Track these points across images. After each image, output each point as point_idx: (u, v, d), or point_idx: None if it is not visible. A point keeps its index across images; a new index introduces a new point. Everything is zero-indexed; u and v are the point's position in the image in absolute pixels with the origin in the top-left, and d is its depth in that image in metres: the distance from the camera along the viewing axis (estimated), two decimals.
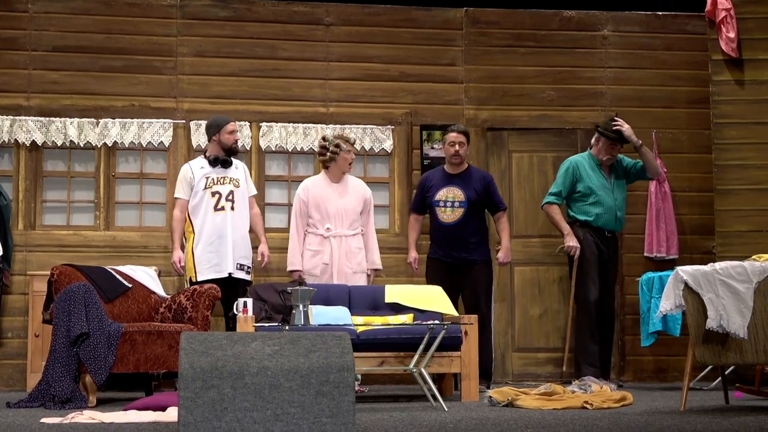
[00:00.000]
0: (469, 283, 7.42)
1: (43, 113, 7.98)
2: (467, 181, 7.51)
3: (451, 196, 7.47)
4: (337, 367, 4.01)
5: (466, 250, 7.44)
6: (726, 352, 5.38)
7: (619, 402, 5.81)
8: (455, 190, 7.47)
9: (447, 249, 7.46)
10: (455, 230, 7.43)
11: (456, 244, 7.43)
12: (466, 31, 8.57)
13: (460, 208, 7.44)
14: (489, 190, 7.53)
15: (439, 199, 7.48)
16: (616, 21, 8.72)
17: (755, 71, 7.92)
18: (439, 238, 7.51)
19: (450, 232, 7.44)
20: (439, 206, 7.48)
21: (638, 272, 7.98)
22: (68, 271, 6.50)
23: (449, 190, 7.49)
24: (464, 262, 7.43)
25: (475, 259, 7.45)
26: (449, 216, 7.45)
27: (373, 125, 8.35)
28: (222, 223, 7.26)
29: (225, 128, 7.38)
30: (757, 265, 5.44)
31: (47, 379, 6.03)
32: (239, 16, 8.34)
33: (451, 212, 7.45)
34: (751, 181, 7.82)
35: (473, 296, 7.41)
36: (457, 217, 7.43)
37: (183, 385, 3.89)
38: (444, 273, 7.44)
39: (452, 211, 7.45)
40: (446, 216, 7.45)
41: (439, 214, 7.48)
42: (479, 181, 7.50)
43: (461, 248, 7.43)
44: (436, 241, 7.56)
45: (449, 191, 7.49)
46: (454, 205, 7.45)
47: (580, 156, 7.78)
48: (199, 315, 6.58)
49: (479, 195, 7.47)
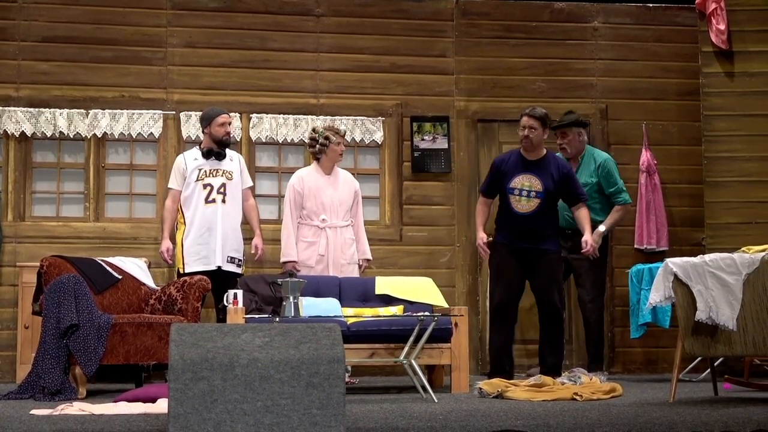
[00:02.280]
0: (540, 273, 6.99)
1: (33, 104, 7.96)
2: (545, 170, 7.01)
3: (527, 185, 6.96)
4: (327, 358, 4.01)
5: (538, 241, 6.99)
6: (715, 344, 5.39)
7: (609, 393, 5.82)
8: (532, 178, 6.97)
9: (516, 238, 6.99)
10: (528, 221, 6.96)
11: (527, 235, 6.97)
12: (457, 23, 8.56)
13: (536, 199, 6.95)
14: (568, 180, 7.04)
15: (514, 187, 6.98)
16: (606, 13, 8.73)
17: (745, 63, 7.93)
18: (509, 226, 7.03)
19: (522, 222, 6.96)
20: (514, 194, 6.98)
21: (628, 264, 8.00)
22: (58, 263, 6.49)
23: (526, 177, 6.98)
24: (535, 251, 6.99)
25: (546, 248, 7.00)
26: (524, 206, 6.96)
27: (363, 116, 8.35)
28: (212, 216, 7.26)
29: (215, 120, 7.36)
30: (747, 257, 5.45)
31: (37, 370, 6.01)
32: (229, 6, 8.31)
33: (526, 202, 6.96)
34: (740, 173, 7.84)
35: (544, 288, 7.00)
36: (532, 207, 6.95)
37: (173, 377, 3.89)
38: (512, 259, 6.99)
39: (527, 201, 6.96)
40: (520, 205, 6.96)
41: (513, 202, 6.98)
42: (557, 171, 7.01)
43: (532, 239, 6.98)
44: (504, 228, 7.07)
45: (525, 179, 6.98)
46: (530, 195, 6.95)
47: None
48: (190, 306, 6.57)
49: (557, 185, 7.00)
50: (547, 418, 4.59)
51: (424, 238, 8.32)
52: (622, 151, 8.45)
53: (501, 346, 7.02)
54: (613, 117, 8.59)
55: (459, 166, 8.41)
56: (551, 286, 7.00)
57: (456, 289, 8.29)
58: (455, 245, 8.35)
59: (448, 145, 8.38)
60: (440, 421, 4.51)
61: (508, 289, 7.02)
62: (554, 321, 7.00)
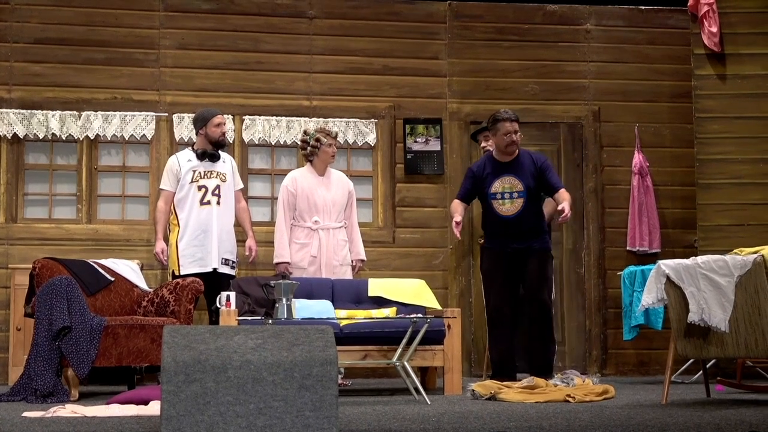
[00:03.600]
0: (529, 272, 6.94)
1: (25, 106, 7.95)
2: (522, 168, 6.97)
3: (507, 187, 6.94)
4: (320, 360, 4.01)
5: (528, 239, 6.94)
6: (707, 346, 5.40)
7: (601, 395, 5.83)
8: (512, 179, 6.95)
9: (505, 240, 6.96)
10: (515, 223, 6.93)
11: (516, 235, 6.93)
12: (450, 25, 8.57)
13: (519, 199, 6.91)
14: (545, 172, 6.95)
15: (495, 192, 6.96)
16: (599, 15, 8.74)
17: (737, 66, 7.95)
18: (497, 231, 7.00)
19: (510, 224, 6.93)
20: (496, 199, 6.95)
21: (620, 266, 8.02)
22: (50, 265, 6.48)
23: (505, 180, 6.96)
24: (523, 251, 6.94)
25: (534, 246, 6.95)
26: (508, 208, 6.93)
27: (356, 118, 8.35)
28: (207, 218, 7.25)
29: (211, 121, 7.36)
30: (739, 258, 5.47)
31: (29, 372, 6.00)
32: (222, 8, 8.31)
33: (510, 204, 6.92)
34: (732, 176, 7.86)
35: (533, 285, 6.94)
36: (517, 208, 6.91)
37: (165, 379, 3.88)
38: (502, 263, 6.98)
39: (511, 203, 6.92)
40: (505, 209, 6.93)
41: (497, 207, 6.95)
42: (533, 165, 6.96)
43: (521, 239, 6.93)
44: (492, 233, 7.04)
45: (505, 181, 6.96)
46: (512, 196, 6.92)
47: None
48: (182, 309, 6.57)
49: (536, 180, 6.94)
50: (539, 419, 4.59)
51: (417, 240, 8.32)
52: (615, 153, 8.47)
53: (502, 350, 6.98)
54: (605, 119, 8.60)
55: (452, 168, 8.42)
56: (541, 283, 6.94)
57: (449, 291, 8.29)
58: (448, 247, 8.35)
59: (441, 147, 8.39)
60: (433, 423, 4.51)
61: (501, 294, 7.00)
62: (543, 317, 6.93)
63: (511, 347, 7.00)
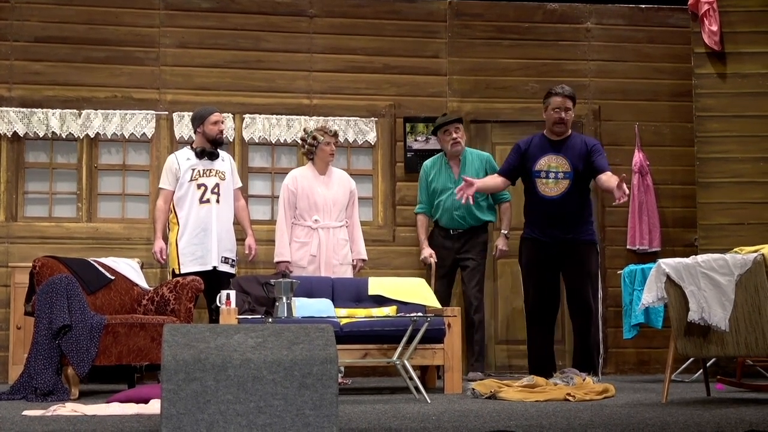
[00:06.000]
0: (572, 265, 6.64)
1: (25, 104, 7.95)
2: (572, 149, 6.65)
3: (554, 166, 6.60)
4: (320, 359, 4.01)
5: (570, 229, 6.62)
6: (707, 345, 5.40)
7: (601, 394, 5.83)
8: (559, 158, 6.61)
9: (546, 227, 6.63)
10: (558, 205, 6.57)
11: (558, 222, 6.59)
12: (450, 24, 8.57)
13: (564, 180, 6.57)
14: (595, 154, 6.59)
15: (540, 169, 6.62)
16: (599, 14, 8.74)
17: (737, 64, 7.95)
18: (538, 214, 6.66)
19: (552, 208, 6.59)
20: (540, 177, 6.61)
21: (620, 265, 8.02)
22: (50, 263, 6.47)
23: (552, 158, 6.63)
24: (566, 242, 6.62)
25: (578, 238, 6.63)
26: (552, 189, 6.58)
27: (356, 117, 8.35)
28: (207, 216, 7.25)
29: (208, 119, 7.36)
30: (739, 257, 5.46)
31: (29, 371, 6.00)
32: (222, 7, 8.31)
33: (554, 184, 6.58)
34: (732, 174, 7.86)
35: (576, 281, 6.65)
36: (561, 190, 6.57)
37: (166, 378, 3.88)
38: (542, 255, 6.67)
39: (555, 183, 6.58)
40: (548, 189, 6.58)
41: (540, 186, 6.61)
42: (585, 146, 6.64)
43: (564, 227, 6.61)
44: (533, 218, 6.71)
45: (552, 159, 6.62)
46: (557, 176, 6.58)
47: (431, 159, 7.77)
48: (182, 307, 6.57)
49: (585, 163, 6.60)
50: (539, 418, 4.59)
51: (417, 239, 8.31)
52: (615, 151, 8.46)
53: (540, 346, 6.78)
54: (605, 118, 8.60)
55: None
56: (584, 280, 6.66)
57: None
58: None
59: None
60: (433, 421, 4.51)
61: (541, 288, 6.74)
62: (584, 318, 6.68)
63: (550, 345, 6.81)
